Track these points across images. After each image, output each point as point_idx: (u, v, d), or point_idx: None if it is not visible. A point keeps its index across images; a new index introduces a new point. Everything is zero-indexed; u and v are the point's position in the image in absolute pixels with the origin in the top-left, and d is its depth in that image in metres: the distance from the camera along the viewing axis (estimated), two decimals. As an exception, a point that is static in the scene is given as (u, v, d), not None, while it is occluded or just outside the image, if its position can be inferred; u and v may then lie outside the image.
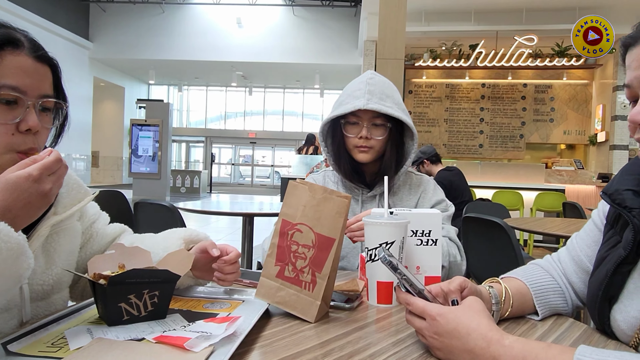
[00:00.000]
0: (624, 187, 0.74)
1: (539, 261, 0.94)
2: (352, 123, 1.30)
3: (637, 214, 0.71)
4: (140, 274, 0.74)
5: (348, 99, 1.29)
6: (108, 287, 0.72)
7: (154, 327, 0.73)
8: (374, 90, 1.27)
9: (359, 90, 1.28)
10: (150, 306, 0.76)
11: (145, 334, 0.70)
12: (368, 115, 1.28)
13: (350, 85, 1.33)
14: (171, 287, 0.77)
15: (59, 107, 0.84)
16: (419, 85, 10.02)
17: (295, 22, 14.68)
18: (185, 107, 20.78)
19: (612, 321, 0.74)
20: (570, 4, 8.21)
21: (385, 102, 1.27)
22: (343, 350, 0.68)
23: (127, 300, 0.73)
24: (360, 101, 1.25)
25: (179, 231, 0.97)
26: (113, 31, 14.87)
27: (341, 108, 1.28)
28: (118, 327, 0.73)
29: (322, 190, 0.82)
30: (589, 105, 9.51)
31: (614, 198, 0.74)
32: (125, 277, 0.73)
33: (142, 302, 0.75)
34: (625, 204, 0.72)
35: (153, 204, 2.43)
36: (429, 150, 4.17)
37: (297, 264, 0.81)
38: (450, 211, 1.37)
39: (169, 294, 0.78)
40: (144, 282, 0.74)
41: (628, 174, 0.75)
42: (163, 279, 0.76)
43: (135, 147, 10.49)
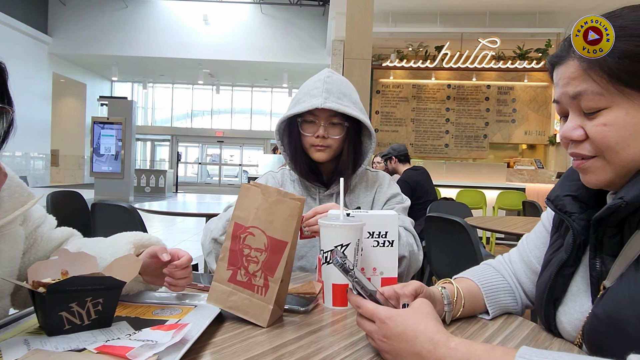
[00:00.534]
0: (564, 193, 0.76)
1: (490, 261, 0.95)
2: (309, 122, 1.29)
3: (577, 218, 0.73)
4: (82, 281, 0.71)
5: (305, 97, 1.27)
6: (47, 296, 0.69)
7: (97, 337, 0.70)
8: (331, 89, 1.26)
9: (316, 88, 1.27)
10: (94, 314, 0.72)
11: (87, 344, 0.67)
12: (325, 114, 1.27)
13: (308, 83, 1.32)
14: (116, 294, 0.74)
15: (4, 112, 0.80)
16: (386, 86, 10.13)
17: (264, 20, 14.57)
18: (151, 105, 20.31)
19: (558, 322, 0.76)
20: (530, 8, 8.49)
21: (343, 101, 1.26)
22: (293, 355, 0.67)
23: (68, 309, 0.70)
24: (318, 100, 1.24)
25: (129, 235, 0.94)
26: (74, 25, 14.35)
27: (298, 106, 1.27)
28: (58, 337, 0.69)
29: (276, 192, 0.81)
30: (548, 106, 9.84)
31: (556, 204, 0.76)
32: (66, 285, 0.70)
33: (85, 311, 0.71)
34: (565, 209, 0.74)
35: (111, 205, 2.35)
36: (400, 149, 4.21)
37: (249, 268, 0.80)
38: (405, 204, 1.38)
39: (114, 301, 0.75)
40: (87, 289, 0.71)
41: (568, 180, 0.78)
42: (107, 285, 0.73)
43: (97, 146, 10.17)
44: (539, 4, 8.30)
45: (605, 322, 0.63)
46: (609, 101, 0.64)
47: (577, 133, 0.67)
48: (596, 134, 0.65)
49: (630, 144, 0.63)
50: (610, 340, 0.62)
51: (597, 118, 0.65)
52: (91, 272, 0.77)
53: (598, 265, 0.69)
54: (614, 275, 0.65)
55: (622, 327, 0.60)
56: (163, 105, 20.17)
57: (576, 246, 0.73)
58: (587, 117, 0.66)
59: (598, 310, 0.65)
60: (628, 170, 0.65)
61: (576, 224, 0.72)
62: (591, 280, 0.70)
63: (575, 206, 0.74)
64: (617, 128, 0.63)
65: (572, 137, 0.68)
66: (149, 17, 14.60)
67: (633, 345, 0.53)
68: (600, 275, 0.68)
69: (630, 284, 0.61)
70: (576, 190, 0.75)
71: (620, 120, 0.63)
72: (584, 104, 0.66)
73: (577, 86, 0.66)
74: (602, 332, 0.63)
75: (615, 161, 0.65)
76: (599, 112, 0.65)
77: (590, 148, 0.67)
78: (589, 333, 0.66)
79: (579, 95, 0.66)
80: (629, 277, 0.62)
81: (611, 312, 0.62)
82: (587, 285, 0.71)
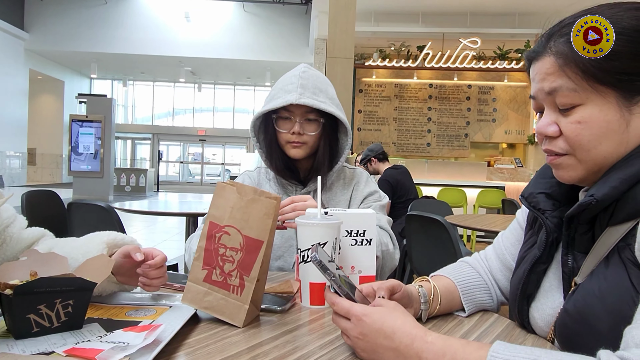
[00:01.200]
0: (538, 191, 0.77)
1: (467, 259, 0.96)
2: (284, 118, 1.27)
3: (550, 215, 0.74)
4: (51, 283, 0.69)
5: (280, 93, 1.25)
6: (14, 298, 0.67)
7: (67, 339, 0.68)
8: (306, 84, 1.24)
9: (291, 84, 1.25)
10: (64, 316, 0.71)
11: (56, 347, 0.65)
12: (301, 110, 1.25)
13: (283, 78, 1.30)
14: (87, 295, 0.73)
15: None
16: (369, 85, 10.16)
17: (246, 18, 14.47)
18: (131, 103, 20.01)
19: (531, 318, 0.77)
20: (510, 9, 8.62)
21: (319, 96, 1.25)
22: (268, 355, 0.66)
23: (36, 311, 0.68)
24: (293, 95, 1.22)
25: (102, 235, 0.92)
26: (51, 21, 14.04)
27: (273, 102, 1.25)
28: (26, 340, 0.67)
29: (252, 191, 0.80)
30: (527, 106, 10.00)
31: (529, 201, 0.77)
32: (35, 286, 0.68)
33: (54, 313, 0.70)
34: (539, 206, 0.75)
35: (88, 204, 2.31)
36: (377, 148, 4.23)
37: (224, 267, 0.79)
38: (383, 202, 1.37)
39: (84, 303, 0.73)
40: (56, 290, 0.69)
41: (542, 177, 0.79)
42: (77, 287, 0.71)
43: (75, 144, 9.97)
44: (519, 5, 8.44)
45: (575, 317, 0.64)
46: (583, 98, 0.65)
47: (552, 129, 0.68)
48: (570, 132, 0.66)
49: (602, 142, 0.64)
50: (580, 336, 0.63)
51: (572, 115, 0.66)
52: (61, 273, 0.75)
53: (570, 262, 0.70)
54: (585, 272, 0.66)
55: (591, 323, 0.61)
56: (144, 104, 19.88)
57: (549, 243, 0.74)
58: (562, 114, 0.67)
59: (569, 306, 0.66)
60: (599, 167, 0.66)
61: (549, 221, 0.73)
62: (563, 277, 0.71)
63: (548, 204, 0.75)
64: (590, 126, 0.64)
65: (546, 133, 0.69)
66: (129, 14, 14.37)
67: (602, 340, 0.54)
68: (572, 271, 0.70)
69: (600, 281, 0.62)
70: (549, 188, 0.76)
71: (594, 118, 0.64)
72: (558, 99, 0.66)
73: (553, 82, 0.66)
74: (572, 328, 0.64)
75: (587, 159, 0.66)
76: (573, 108, 0.66)
77: (563, 145, 0.68)
78: (560, 328, 0.67)
79: (554, 91, 0.66)
80: (598, 274, 0.63)
81: (581, 308, 0.63)
82: (559, 282, 0.72)
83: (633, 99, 0.63)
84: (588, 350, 0.52)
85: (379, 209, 1.33)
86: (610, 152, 0.65)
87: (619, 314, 0.57)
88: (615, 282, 0.60)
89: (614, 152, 0.65)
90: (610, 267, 0.62)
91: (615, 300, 0.59)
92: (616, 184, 0.62)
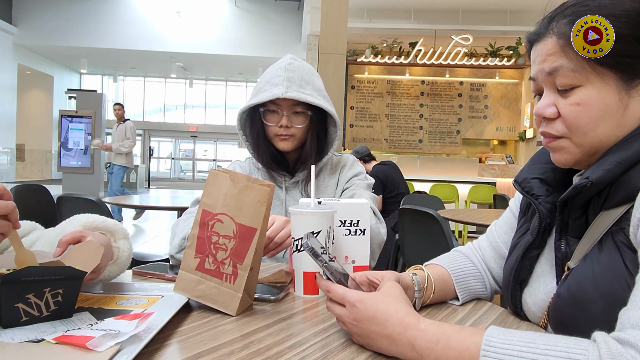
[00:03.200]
0: (532, 176, 0.77)
1: (461, 248, 0.96)
2: (271, 111, 1.27)
3: (543, 201, 0.74)
4: (39, 272, 0.67)
5: (266, 86, 1.24)
6: (1, 286, 0.65)
7: (57, 327, 0.67)
8: (292, 77, 1.23)
9: (277, 77, 1.24)
10: (54, 305, 0.69)
11: (45, 335, 0.64)
12: (288, 103, 1.25)
13: (269, 71, 1.29)
14: (77, 284, 0.71)
15: None
16: (361, 81, 10.16)
17: (238, 13, 14.38)
18: (122, 99, 19.82)
19: (524, 304, 0.77)
20: (502, 6, 8.65)
21: (305, 89, 1.24)
22: (262, 342, 0.66)
23: (25, 300, 0.67)
24: (279, 89, 1.21)
25: (80, 218, 0.89)
26: (40, 15, 13.84)
27: (259, 96, 1.24)
28: (15, 328, 0.66)
29: (245, 178, 0.79)
30: (519, 103, 10.07)
31: (523, 186, 0.77)
32: (22, 275, 0.66)
33: (43, 302, 0.68)
34: (532, 191, 0.76)
35: (78, 198, 2.28)
36: (362, 150, 4.29)
37: (217, 255, 0.78)
38: (368, 181, 1.37)
39: (74, 292, 0.72)
40: (44, 279, 0.68)
41: (536, 162, 0.79)
42: (66, 276, 0.70)
43: (65, 140, 9.85)
44: (510, 2, 8.47)
45: (569, 301, 0.64)
46: (583, 79, 0.65)
47: (550, 110, 0.68)
48: (569, 113, 0.66)
49: (599, 124, 0.65)
50: (574, 319, 0.63)
51: (571, 96, 0.66)
52: (46, 262, 0.74)
53: (563, 246, 0.70)
54: (578, 256, 0.66)
55: (585, 307, 0.61)
56: (135, 99, 19.71)
57: (542, 229, 0.74)
58: (561, 95, 0.67)
59: (562, 291, 0.66)
60: (596, 150, 0.67)
61: (542, 206, 0.74)
62: (556, 262, 0.71)
63: (542, 189, 0.75)
64: (589, 108, 0.65)
65: (544, 114, 0.69)
66: (119, 8, 14.21)
67: (596, 323, 0.54)
68: (565, 256, 0.70)
69: (593, 265, 0.62)
70: (543, 174, 0.76)
71: (593, 100, 0.64)
72: (558, 80, 0.67)
73: (553, 62, 0.67)
74: (566, 312, 0.64)
75: (583, 142, 0.67)
76: (572, 89, 0.66)
77: (560, 128, 0.68)
78: (553, 313, 0.67)
79: (555, 71, 0.67)
80: (592, 258, 0.64)
81: (575, 291, 0.63)
82: (552, 267, 0.73)
83: (632, 82, 0.64)
84: (582, 333, 0.52)
85: (364, 188, 1.33)
86: (607, 135, 0.65)
87: (613, 296, 0.58)
88: (609, 265, 0.60)
89: (611, 135, 0.65)
90: (604, 251, 0.62)
91: (609, 284, 0.59)
92: (611, 166, 0.62)
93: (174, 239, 1.18)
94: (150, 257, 2.59)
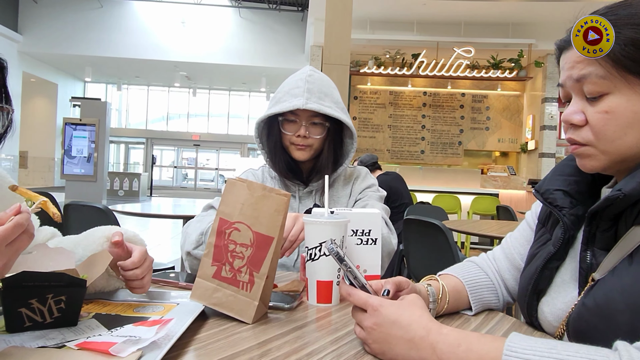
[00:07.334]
0: (555, 187, 0.78)
1: (474, 259, 0.97)
2: (290, 121, 1.29)
3: (567, 212, 0.75)
4: (38, 277, 0.68)
5: (286, 97, 1.27)
6: (4, 290, 0.66)
7: (65, 334, 0.67)
8: (312, 89, 1.26)
9: (297, 87, 1.26)
10: (57, 312, 0.69)
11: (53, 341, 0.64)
12: (307, 114, 1.27)
13: (289, 81, 1.31)
14: (80, 292, 0.71)
15: (4, 111, 0.78)
16: (364, 92, 10.21)
17: (242, 24, 14.51)
18: (125, 107, 19.93)
19: (540, 313, 0.77)
20: (504, 19, 8.73)
21: (324, 101, 1.26)
22: (280, 350, 0.66)
23: (28, 305, 0.67)
24: (299, 100, 1.23)
25: (104, 229, 0.90)
26: (45, 24, 13.97)
27: (279, 105, 1.26)
28: (23, 335, 0.66)
29: (261, 188, 0.80)
30: (520, 115, 10.10)
31: (545, 197, 0.78)
32: (21, 280, 0.66)
33: (46, 308, 0.68)
34: (556, 203, 0.76)
35: (85, 206, 2.29)
36: (367, 159, 4.29)
37: (234, 263, 0.79)
38: (380, 193, 1.39)
39: (78, 300, 0.72)
40: (45, 285, 0.68)
41: (559, 174, 0.80)
42: (67, 283, 0.70)
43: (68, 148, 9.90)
44: (512, 15, 8.55)
45: (594, 312, 0.64)
46: (611, 86, 0.65)
47: (578, 117, 0.69)
48: (596, 121, 0.67)
49: (627, 133, 0.65)
50: (596, 329, 0.63)
51: (599, 104, 0.67)
52: (65, 268, 0.75)
53: (589, 258, 0.70)
54: (605, 268, 0.66)
55: (611, 317, 0.61)
56: (138, 108, 19.81)
57: (565, 240, 0.74)
58: (589, 102, 0.68)
59: (588, 301, 0.66)
60: (623, 158, 0.67)
61: (567, 218, 0.74)
62: (580, 272, 0.71)
63: (565, 201, 0.76)
64: (617, 116, 0.65)
65: (572, 120, 0.69)
66: (124, 18, 14.35)
67: (619, 334, 0.55)
68: (590, 267, 0.70)
69: (623, 277, 0.63)
70: (567, 186, 0.77)
71: (621, 108, 0.65)
72: (587, 87, 0.67)
73: (582, 69, 0.67)
74: (589, 321, 0.65)
75: (610, 150, 0.67)
76: (601, 97, 0.66)
77: (586, 135, 0.69)
78: (575, 322, 0.68)
79: (583, 78, 0.67)
80: (621, 271, 0.64)
81: (602, 303, 0.64)
82: (573, 277, 0.73)
83: None
84: (602, 343, 0.52)
85: (377, 199, 1.35)
86: (635, 143, 0.65)
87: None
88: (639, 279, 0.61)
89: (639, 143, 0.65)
90: (634, 264, 0.62)
91: (638, 297, 0.59)
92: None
93: (189, 237, 1.19)
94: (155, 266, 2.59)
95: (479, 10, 8.38)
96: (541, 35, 8.59)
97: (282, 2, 14.25)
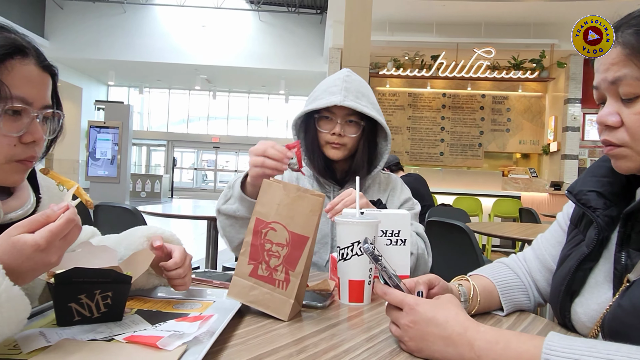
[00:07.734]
0: (588, 189, 0.78)
1: (504, 260, 0.97)
2: (325, 118, 1.31)
3: (601, 214, 0.75)
4: (87, 273, 0.71)
5: (323, 95, 1.29)
6: (56, 286, 0.70)
7: (112, 328, 0.70)
8: (350, 88, 1.28)
9: (335, 86, 1.29)
10: (104, 307, 0.73)
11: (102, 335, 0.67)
12: (343, 112, 1.29)
13: (326, 81, 1.34)
14: (125, 288, 0.75)
15: (57, 116, 0.84)
16: (383, 94, 10.19)
17: (261, 27, 14.64)
18: (147, 110, 20.26)
19: (573, 314, 0.78)
20: (525, 19, 8.61)
21: (361, 100, 1.28)
22: (317, 346, 0.68)
23: (77, 301, 0.71)
24: (337, 97, 1.26)
25: (144, 229, 0.94)
26: (71, 29, 14.33)
27: (316, 102, 1.29)
28: (74, 328, 0.70)
29: (296, 188, 0.82)
30: (542, 116, 9.94)
31: (579, 198, 0.78)
32: (72, 276, 0.70)
33: (94, 303, 0.72)
34: (590, 204, 0.77)
35: (115, 207, 2.35)
36: (390, 159, 4.29)
37: (270, 262, 0.81)
38: (416, 209, 1.40)
39: (123, 296, 0.75)
40: (94, 282, 0.71)
41: (592, 175, 0.80)
42: (112, 279, 0.73)
43: (92, 150, 10.14)
44: (534, 15, 8.43)
45: (630, 312, 0.65)
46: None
47: (613, 119, 0.69)
48: (632, 122, 0.67)
49: None
50: (633, 330, 0.64)
51: (635, 105, 0.67)
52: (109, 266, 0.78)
53: (624, 259, 0.71)
54: None
55: None
56: (159, 110, 20.11)
57: (599, 241, 0.75)
58: (625, 104, 0.69)
59: (624, 302, 0.67)
60: None
61: (600, 219, 0.74)
62: (614, 274, 0.72)
63: (599, 202, 0.76)
64: None
65: (607, 122, 0.70)
66: (147, 23, 14.62)
67: None
68: (625, 268, 0.70)
69: None
70: (601, 187, 0.77)
71: None
72: (622, 89, 0.68)
73: (617, 71, 0.68)
74: (625, 322, 0.65)
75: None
76: (636, 99, 0.67)
77: (622, 136, 0.69)
78: (611, 322, 0.68)
79: (618, 80, 0.68)
80: None
81: (638, 304, 0.64)
82: (607, 278, 0.73)
83: None
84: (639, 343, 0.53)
85: (413, 217, 1.36)
86: None
87: None
88: None
89: None
90: None
91: None
92: None
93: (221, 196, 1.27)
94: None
95: (499, 10, 8.29)
96: (564, 36, 8.44)
97: (301, 5, 14.33)
